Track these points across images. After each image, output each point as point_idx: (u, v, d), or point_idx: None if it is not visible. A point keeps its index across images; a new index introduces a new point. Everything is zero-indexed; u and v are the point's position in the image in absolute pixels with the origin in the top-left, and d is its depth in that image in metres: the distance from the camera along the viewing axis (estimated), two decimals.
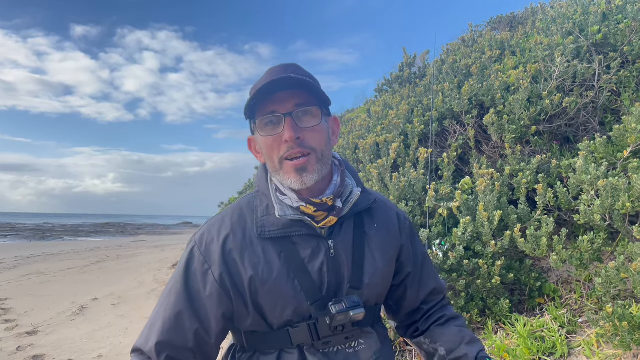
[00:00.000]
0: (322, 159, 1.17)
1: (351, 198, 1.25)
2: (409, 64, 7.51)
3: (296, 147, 1.13)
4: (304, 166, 1.14)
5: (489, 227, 3.53)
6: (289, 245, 1.18)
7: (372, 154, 5.05)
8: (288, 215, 1.17)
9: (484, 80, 4.96)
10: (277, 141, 1.14)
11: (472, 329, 3.63)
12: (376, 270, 1.26)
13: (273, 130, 1.14)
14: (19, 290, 9.10)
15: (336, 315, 1.14)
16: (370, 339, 1.27)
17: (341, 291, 1.20)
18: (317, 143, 1.16)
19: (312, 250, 1.18)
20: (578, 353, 2.98)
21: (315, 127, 1.16)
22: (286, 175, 1.16)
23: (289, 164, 1.15)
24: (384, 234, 1.32)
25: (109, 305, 7.64)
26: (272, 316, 1.17)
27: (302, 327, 1.17)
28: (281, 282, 1.15)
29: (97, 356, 5.02)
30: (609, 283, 2.88)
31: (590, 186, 3.19)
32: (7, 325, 6.36)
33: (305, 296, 1.16)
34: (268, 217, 1.19)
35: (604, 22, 4.51)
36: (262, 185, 1.25)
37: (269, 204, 1.21)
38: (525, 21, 7.83)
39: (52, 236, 31.07)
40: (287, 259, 1.16)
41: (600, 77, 4.20)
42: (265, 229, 1.18)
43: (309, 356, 1.17)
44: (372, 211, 1.33)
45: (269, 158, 1.19)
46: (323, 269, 1.18)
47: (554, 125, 4.23)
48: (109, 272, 11.85)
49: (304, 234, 1.18)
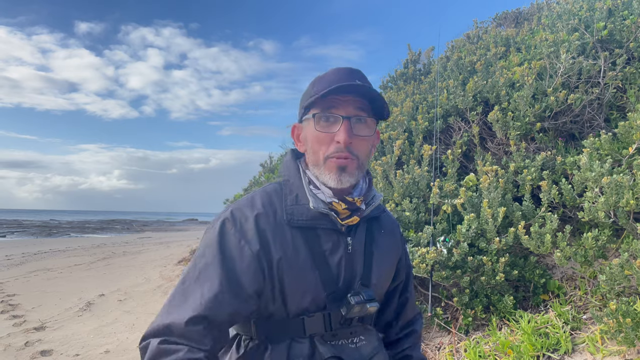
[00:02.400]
0: (361, 167, 1.24)
1: (374, 201, 1.32)
2: (413, 61, 7.51)
3: (345, 150, 1.19)
4: (345, 166, 1.19)
5: (493, 223, 3.53)
6: (313, 236, 1.23)
7: (376, 151, 5.06)
8: (320, 208, 1.21)
9: (489, 77, 4.95)
10: (329, 139, 1.20)
11: (476, 326, 3.65)
12: (382, 272, 1.34)
13: (328, 128, 1.20)
14: (26, 286, 9.18)
15: (354, 306, 1.19)
16: (370, 336, 1.32)
17: (353, 286, 1.25)
18: (362, 152, 1.23)
19: (332, 244, 1.24)
20: (582, 349, 2.99)
21: (366, 137, 1.23)
22: (327, 171, 1.21)
23: (333, 161, 1.20)
24: (389, 241, 1.40)
25: (116, 301, 7.70)
26: (292, 302, 1.20)
27: (317, 317, 1.21)
28: (305, 270, 1.19)
29: (105, 351, 5.07)
30: (613, 280, 2.88)
31: (595, 183, 3.19)
32: (15, 320, 6.43)
33: (323, 287, 1.21)
34: (297, 207, 1.23)
35: (610, 19, 4.49)
36: (293, 176, 1.29)
37: (298, 194, 1.25)
38: (531, 17, 7.79)
39: (59, 233, 31.25)
40: (312, 248, 1.21)
41: (605, 74, 4.19)
42: (294, 217, 1.22)
43: (319, 346, 1.20)
44: (380, 220, 1.41)
45: (313, 151, 1.24)
46: (341, 263, 1.24)
47: (559, 122, 4.23)
48: (115, 269, 11.92)
49: (328, 228, 1.24)
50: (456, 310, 3.82)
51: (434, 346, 3.64)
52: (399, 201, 4.18)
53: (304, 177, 1.27)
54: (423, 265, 3.45)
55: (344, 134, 1.17)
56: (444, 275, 3.51)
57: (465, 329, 3.62)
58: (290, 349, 1.20)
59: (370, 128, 1.23)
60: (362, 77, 1.24)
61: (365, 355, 1.27)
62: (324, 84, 1.20)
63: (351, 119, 1.18)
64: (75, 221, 55.70)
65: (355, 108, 1.20)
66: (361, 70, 1.26)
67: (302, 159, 1.33)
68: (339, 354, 1.21)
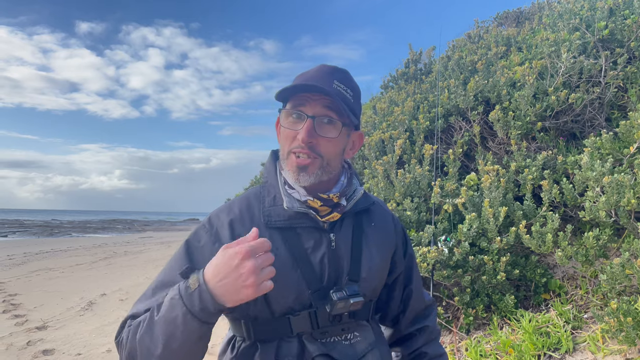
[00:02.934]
0: (325, 167, 1.22)
1: (355, 195, 1.31)
2: (414, 61, 7.51)
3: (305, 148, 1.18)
4: (305, 166, 1.19)
5: (494, 223, 3.54)
6: (293, 236, 1.22)
7: (377, 150, 5.07)
8: (295, 207, 1.21)
9: (490, 77, 4.95)
10: (293, 135, 1.20)
11: (477, 325, 3.65)
12: (372, 266, 1.31)
13: (294, 125, 1.20)
14: (28, 286, 9.21)
15: (337, 302, 1.18)
16: (365, 332, 1.31)
17: (340, 283, 1.24)
18: (327, 152, 1.21)
19: (314, 241, 1.23)
20: (583, 348, 2.99)
21: (331, 139, 1.21)
22: (288, 167, 1.21)
23: (293, 158, 1.20)
24: (380, 233, 1.38)
25: (117, 300, 7.71)
26: (275, 302, 1.19)
27: (303, 315, 1.20)
28: (286, 269, 1.18)
29: (106, 350, 5.08)
30: (614, 279, 2.88)
31: (596, 182, 3.19)
32: (17, 320, 6.45)
33: (306, 285, 1.20)
34: (275, 208, 1.24)
35: (611, 18, 4.49)
36: (271, 177, 1.30)
37: (276, 195, 1.25)
38: (532, 17, 7.79)
39: (60, 232, 31.30)
40: (292, 248, 1.21)
41: (606, 73, 4.19)
42: (272, 219, 1.22)
43: (308, 345, 1.20)
44: (370, 212, 1.39)
45: (281, 145, 1.26)
46: (324, 260, 1.23)
47: (560, 122, 4.23)
48: (116, 268, 11.95)
49: (307, 226, 1.24)
50: (457, 309, 3.83)
51: None
52: (400, 200, 4.18)
53: (279, 178, 1.27)
54: (424, 265, 3.46)
55: (303, 132, 1.16)
56: (445, 274, 3.51)
57: (467, 328, 3.62)
58: (279, 348, 1.19)
59: (337, 130, 1.21)
60: (343, 79, 1.23)
61: (360, 352, 1.26)
62: (300, 81, 1.21)
63: (315, 119, 1.18)
64: (77, 221, 55.75)
65: (323, 107, 1.18)
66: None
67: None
68: (329, 351, 1.20)
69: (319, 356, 1.19)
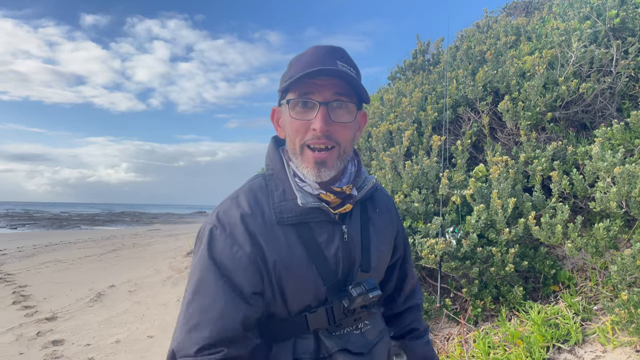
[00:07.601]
0: (342, 155, 1.16)
1: (365, 184, 1.26)
2: (422, 51, 7.44)
3: (323, 138, 1.10)
4: (324, 160, 1.12)
5: (502, 214, 3.51)
6: (306, 231, 1.17)
7: (385, 142, 5.03)
8: (309, 203, 1.15)
9: (499, 67, 4.90)
10: (305, 126, 1.12)
11: (485, 316, 3.64)
12: (380, 253, 1.30)
13: (304, 115, 1.11)
14: (37, 277, 9.29)
15: (357, 298, 1.16)
16: (375, 319, 1.30)
17: (352, 274, 1.22)
18: (343, 138, 1.14)
19: (327, 235, 1.19)
20: (593, 340, 2.97)
21: (347, 123, 1.14)
22: (304, 163, 1.14)
23: (310, 153, 1.13)
24: (385, 218, 1.35)
25: (126, 292, 7.76)
26: (292, 301, 1.16)
27: (320, 312, 1.17)
28: (302, 267, 1.14)
29: (115, 341, 5.12)
30: (624, 270, 2.85)
31: (607, 173, 3.15)
32: (27, 311, 6.52)
33: (322, 281, 1.16)
34: (285, 203, 1.17)
35: (622, 6, 4.41)
36: (277, 168, 1.22)
37: (285, 189, 1.19)
38: (542, 6, 7.69)
39: (69, 225, 31.55)
40: (306, 244, 1.16)
41: (617, 63, 4.12)
42: (284, 216, 1.16)
43: (324, 340, 1.18)
44: (374, 198, 1.35)
45: (290, 139, 1.17)
46: (338, 254, 1.19)
47: (570, 112, 4.18)
48: (125, 260, 12.03)
49: (320, 220, 1.19)
50: (465, 301, 3.81)
51: (442, 337, 3.64)
52: (407, 192, 4.16)
53: (288, 170, 1.20)
54: (432, 256, 3.44)
55: (320, 121, 1.08)
56: (453, 266, 3.49)
57: (475, 320, 3.61)
58: (296, 346, 1.17)
59: (351, 114, 1.14)
60: (343, 57, 1.14)
61: (371, 341, 1.25)
62: (301, 66, 1.11)
63: (328, 105, 1.10)
64: (86, 213, 56.18)
65: (334, 92, 1.10)
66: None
67: (284, 147, 1.25)
68: (345, 344, 1.19)
69: (338, 352, 1.17)
